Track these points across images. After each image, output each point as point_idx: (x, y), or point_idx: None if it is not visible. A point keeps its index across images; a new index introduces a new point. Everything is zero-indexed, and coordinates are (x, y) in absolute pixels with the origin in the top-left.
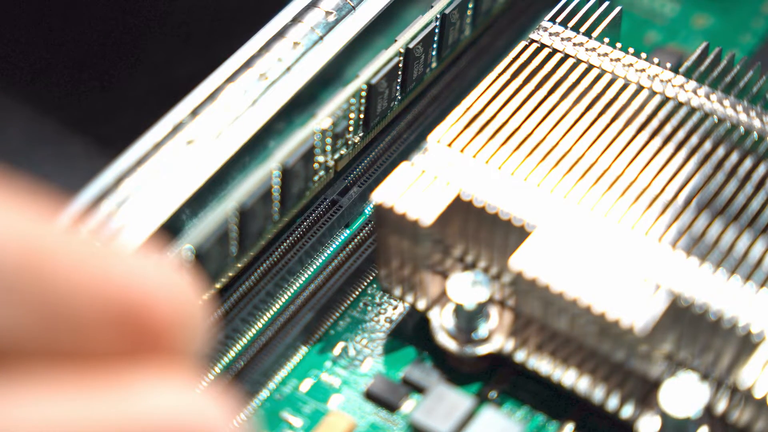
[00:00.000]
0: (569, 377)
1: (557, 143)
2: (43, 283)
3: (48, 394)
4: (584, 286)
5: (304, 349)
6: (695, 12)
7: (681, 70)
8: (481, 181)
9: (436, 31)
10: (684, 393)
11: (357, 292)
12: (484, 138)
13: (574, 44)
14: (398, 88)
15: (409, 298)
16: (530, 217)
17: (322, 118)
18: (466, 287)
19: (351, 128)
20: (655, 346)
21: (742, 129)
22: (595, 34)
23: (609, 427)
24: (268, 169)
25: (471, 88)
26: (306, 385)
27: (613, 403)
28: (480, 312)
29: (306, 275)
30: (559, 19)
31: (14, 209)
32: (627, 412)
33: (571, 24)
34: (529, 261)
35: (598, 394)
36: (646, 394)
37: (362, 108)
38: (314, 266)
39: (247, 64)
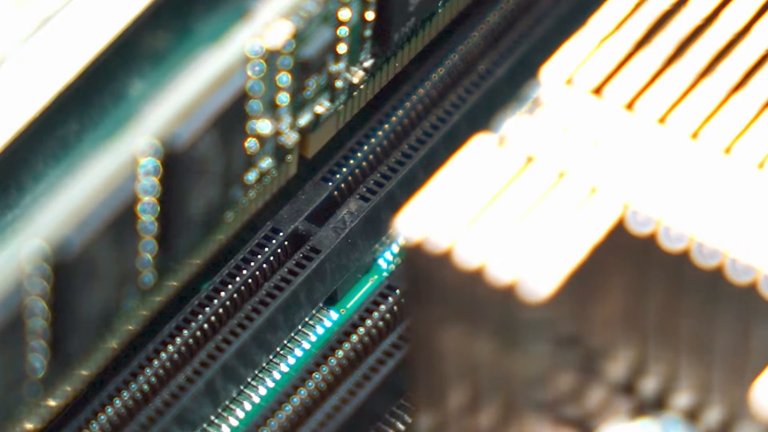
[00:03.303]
0: None
1: None
2: None
3: None
4: None
5: None
6: None
7: None
8: (677, 182)
9: None
10: None
11: None
12: (679, 75)
13: None
14: None
15: None
16: None
17: (268, 23)
18: None
19: (344, 49)
20: None
21: None
22: None
23: None
24: (127, 155)
25: None
26: None
27: None
28: None
29: (227, 430)
30: None
31: None
32: None
33: None
34: None
35: None
36: None
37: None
38: (246, 408)
39: None
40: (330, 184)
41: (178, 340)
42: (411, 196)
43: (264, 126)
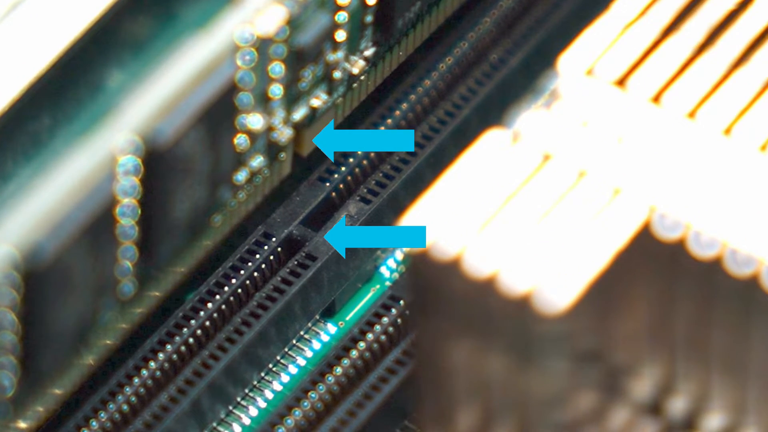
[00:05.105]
0: None
1: None
2: None
3: None
4: None
5: None
6: None
7: None
8: (708, 182)
9: None
10: None
11: None
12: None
13: None
14: None
15: None
16: None
17: (260, 9)
18: None
19: (342, 37)
20: None
21: None
22: None
23: None
24: (105, 153)
25: None
26: None
27: None
28: None
29: None
30: None
31: None
32: None
33: None
34: None
35: None
36: None
37: None
38: (236, 430)
39: None
40: (327, 184)
41: (161, 355)
42: (416, 197)
43: (255, 121)
